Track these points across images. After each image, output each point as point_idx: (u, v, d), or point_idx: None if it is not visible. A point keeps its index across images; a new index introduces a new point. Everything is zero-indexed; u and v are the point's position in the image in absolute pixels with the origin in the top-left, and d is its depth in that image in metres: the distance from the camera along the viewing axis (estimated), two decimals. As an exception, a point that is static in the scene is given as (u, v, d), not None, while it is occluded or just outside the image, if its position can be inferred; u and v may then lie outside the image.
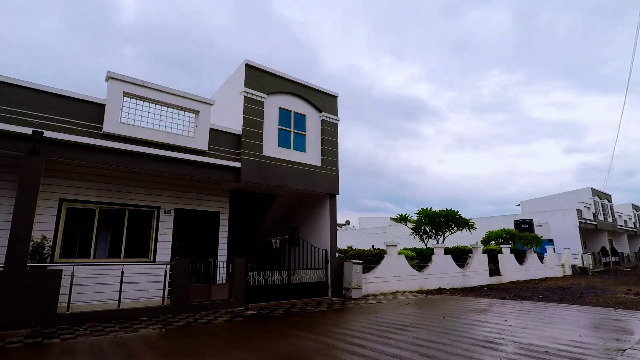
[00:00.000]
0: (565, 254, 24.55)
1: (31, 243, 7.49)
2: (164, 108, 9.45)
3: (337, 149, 13.07)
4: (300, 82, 12.45)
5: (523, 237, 22.63)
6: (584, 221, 30.55)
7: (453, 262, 16.06)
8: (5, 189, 8.24)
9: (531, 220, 28.80)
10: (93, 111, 8.36)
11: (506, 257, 19.02)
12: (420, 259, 15.34)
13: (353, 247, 14.56)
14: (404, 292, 13.45)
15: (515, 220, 29.45)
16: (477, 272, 16.90)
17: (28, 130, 7.26)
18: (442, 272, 15.40)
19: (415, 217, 19.45)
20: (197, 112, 9.86)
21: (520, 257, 20.52)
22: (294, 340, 6.26)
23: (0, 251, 7.41)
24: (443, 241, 18.69)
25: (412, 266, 14.41)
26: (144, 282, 9.14)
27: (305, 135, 12.42)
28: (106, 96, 8.53)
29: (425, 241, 19.08)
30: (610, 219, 36.38)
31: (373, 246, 17.53)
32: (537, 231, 27.69)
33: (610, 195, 38.17)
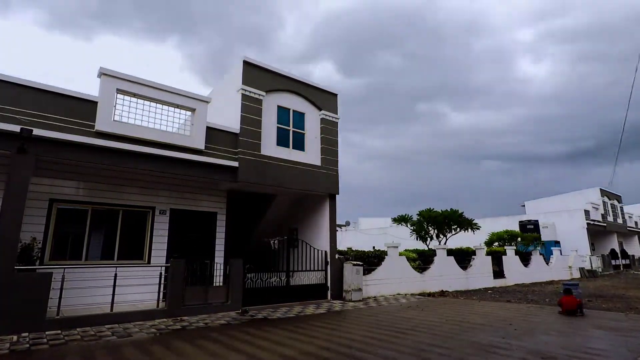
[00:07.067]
0: (572, 256, 24.11)
1: (19, 245, 7.28)
2: (159, 106, 9.26)
3: (337, 148, 12.83)
4: (300, 80, 12.24)
5: (524, 238, 22.30)
6: (592, 222, 29.81)
7: (455, 264, 15.75)
8: (-5, 189, 8.02)
9: (537, 221, 28.38)
10: (85, 109, 8.14)
11: (510, 259, 18.68)
12: (421, 261, 15.05)
13: (353, 248, 14.31)
14: (405, 294, 13.18)
15: (520, 221, 29.03)
16: (480, 274, 16.58)
17: (16, 128, 7.05)
18: (444, 274, 15.10)
19: (416, 217, 19.20)
20: (193, 110, 9.66)
21: (525, 259, 20.13)
22: (292, 344, 6.04)
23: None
24: (445, 242, 18.38)
25: (413, 268, 14.13)
26: (139, 285, 8.91)
27: (304, 134, 12.18)
28: (98, 93, 8.34)
29: (427, 242, 18.79)
30: (620, 220, 35.70)
31: (374, 247, 17.22)
32: (543, 232, 27.30)
33: (620, 196, 37.49)
